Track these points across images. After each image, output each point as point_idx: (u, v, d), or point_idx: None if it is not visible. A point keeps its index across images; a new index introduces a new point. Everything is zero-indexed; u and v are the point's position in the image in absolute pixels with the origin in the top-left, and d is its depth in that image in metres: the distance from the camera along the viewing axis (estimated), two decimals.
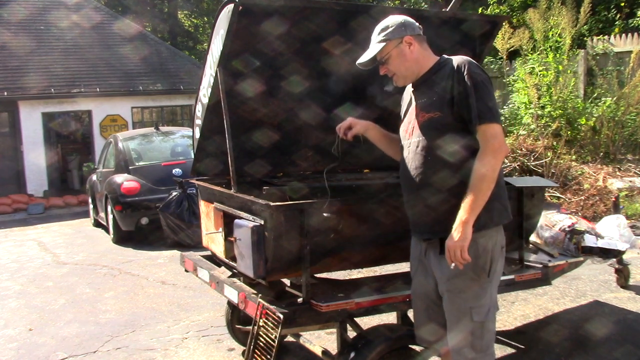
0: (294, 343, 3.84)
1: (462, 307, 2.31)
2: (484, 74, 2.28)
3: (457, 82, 2.25)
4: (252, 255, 2.60)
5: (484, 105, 2.21)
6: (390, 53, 2.37)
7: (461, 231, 2.17)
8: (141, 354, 4.06)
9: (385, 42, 2.36)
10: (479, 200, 2.17)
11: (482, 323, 2.31)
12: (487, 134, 2.20)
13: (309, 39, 3.23)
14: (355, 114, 3.73)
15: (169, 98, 15.06)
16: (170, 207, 7.46)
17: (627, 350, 3.70)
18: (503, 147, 2.22)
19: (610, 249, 4.00)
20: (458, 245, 2.17)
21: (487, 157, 2.19)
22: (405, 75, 2.41)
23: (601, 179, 8.28)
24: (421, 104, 2.37)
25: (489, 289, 2.34)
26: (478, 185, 2.17)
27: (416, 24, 2.41)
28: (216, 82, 3.07)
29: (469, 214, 2.17)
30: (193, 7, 25.26)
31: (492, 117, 2.21)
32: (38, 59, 14.11)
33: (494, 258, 2.32)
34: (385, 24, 2.40)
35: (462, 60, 2.29)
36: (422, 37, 2.41)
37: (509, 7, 14.80)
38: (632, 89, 9.04)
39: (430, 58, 2.40)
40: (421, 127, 2.35)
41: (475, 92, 2.21)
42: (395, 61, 2.38)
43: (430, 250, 2.42)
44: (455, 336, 2.34)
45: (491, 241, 2.32)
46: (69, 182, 15.30)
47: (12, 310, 5.29)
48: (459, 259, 2.18)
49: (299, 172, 3.86)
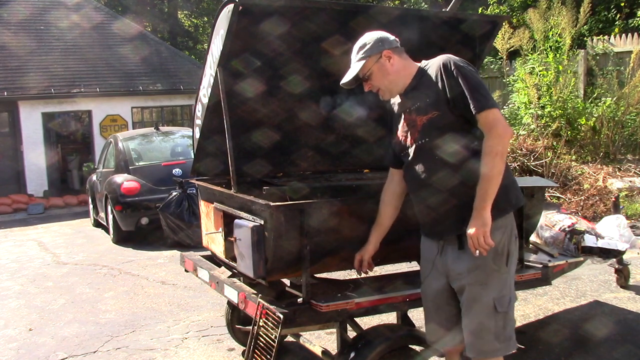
0: (294, 343, 3.84)
1: (486, 299, 2.33)
2: (469, 65, 2.33)
3: (447, 80, 2.29)
4: (252, 255, 2.60)
5: (478, 94, 2.25)
6: (371, 69, 2.41)
7: (480, 217, 2.21)
8: (141, 354, 4.06)
9: (365, 60, 2.41)
10: (492, 186, 2.22)
11: (505, 313, 2.35)
12: (488, 120, 2.24)
13: (309, 39, 3.23)
14: (356, 113, 3.75)
15: (169, 98, 15.06)
16: (170, 207, 7.46)
17: (627, 350, 3.70)
18: (507, 130, 2.26)
19: (610, 249, 4.00)
20: (480, 231, 2.20)
21: (493, 142, 2.22)
22: (390, 88, 2.45)
23: (601, 179, 8.28)
24: (416, 109, 2.40)
25: (508, 278, 2.38)
26: (490, 171, 2.21)
27: (392, 37, 2.46)
28: (216, 82, 3.07)
29: (486, 201, 2.21)
30: (193, 7, 25.26)
31: (490, 104, 2.25)
32: (38, 59, 14.11)
33: (510, 248, 2.37)
34: (363, 42, 2.44)
35: (446, 58, 2.34)
36: (400, 49, 2.46)
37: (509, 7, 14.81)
38: (632, 89, 9.04)
39: (411, 66, 2.45)
40: (423, 130, 2.37)
41: (467, 84, 2.26)
42: (377, 76, 2.42)
43: (448, 247, 2.42)
44: (477, 329, 2.36)
45: (507, 231, 2.36)
46: (69, 182, 15.30)
47: (12, 310, 5.29)
48: (483, 245, 2.21)
49: (299, 172, 3.86)
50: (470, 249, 2.25)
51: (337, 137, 3.86)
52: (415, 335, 2.90)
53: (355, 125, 3.83)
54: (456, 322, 2.47)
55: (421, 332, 3.03)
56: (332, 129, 3.81)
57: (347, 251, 2.83)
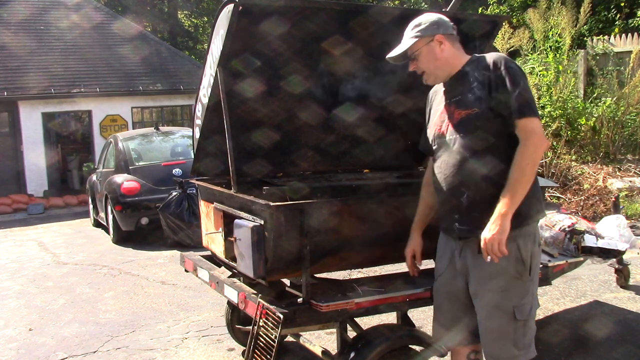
0: (294, 343, 3.84)
1: (505, 306, 2.30)
2: (520, 68, 2.28)
3: (494, 78, 2.24)
4: (252, 255, 2.60)
5: (523, 100, 2.20)
6: (420, 50, 2.37)
7: (499, 224, 2.15)
8: (141, 354, 4.06)
9: (417, 39, 2.37)
10: (518, 194, 2.17)
11: (525, 321, 2.32)
12: (527, 128, 2.19)
13: (309, 39, 3.23)
14: (356, 114, 3.75)
15: (169, 98, 15.06)
16: (170, 207, 7.46)
17: (627, 350, 3.70)
18: (543, 142, 2.23)
19: (610, 249, 4.00)
20: (496, 238, 2.15)
21: (527, 151, 2.18)
22: (436, 74, 2.41)
23: (601, 179, 8.29)
24: (456, 102, 2.36)
25: (531, 287, 2.34)
26: (518, 179, 2.17)
27: (450, 23, 2.42)
28: (216, 82, 3.07)
29: (508, 207, 2.16)
30: (193, 7, 25.25)
31: (531, 112, 2.21)
32: (38, 59, 14.10)
33: (534, 256, 2.33)
34: (419, 21, 2.41)
35: (498, 57, 2.29)
36: (455, 37, 2.41)
37: (509, 7, 14.79)
38: (632, 89, 9.04)
39: (462, 57, 2.40)
40: (457, 125, 2.33)
41: (513, 87, 2.20)
42: (425, 59, 2.38)
43: (467, 249, 2.39)
44: (495, 335, 2.33)
45: (530, 239, 2.31)
46: (69, 182, 15.30)
47: (12, 310, 5.29)
48: (496, 252, 2.16)
49: (299, 172, 3.86)
50: (483, 253, 2.20)
51: (337, 137, 3.86)
52: (415, 335, 2.90)
53: (355, 125, 3.83)
54: (465, 322, 2.45)
55: (421, 332, 3.04)
56: (332, 129, 3.81)
57: (347, 251, 2.83)
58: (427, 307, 3.91)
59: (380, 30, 3.31)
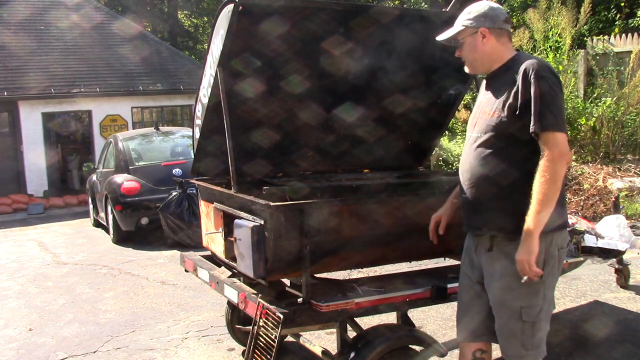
0: (294, 343, 3.84)
1: (512, 306, 2.30)
2: (552, 76, 2.22)
3: (522, 86, 2.22)
4: (252, 255, 2.60)
5: (549, 113, 2.16)
6: (464, 39, 2.41)
7: (526, 245, 2.16)
8: (141, 354, 4.06)
9: (463, 27, 2.39)
10: (544, 211, 2.15)
11: (533, 323, 2.30)
12: (549, 142, 2.16)
13: (309, 39, 3.23)
14: (356, 113, 3.75)
15: (169, 98, 15.05)
16: (170, 207, 7.46)
17: (627, 350, 3.70)
18: (564, 156, 2.17)
19: (610, 249, 4.00)
20: (525, 260, 2.16)
21: (545, 166, 2.16)
22: (474, 65, 2.44)
23: (601, 179, 8.28)
24: (487, 100, 2.39)
25: (541, 290, 2.30)
26: (537, 195, 2.15)
27: (502, 17, 2.38)
28: (216, 82, 3.07)
29: (535, 225, 2.15)
30: (193, 7, 25.24)
31: (555, 126, 2.16)
32: (38, 59, 14.09)
33: (547, 260, 2.28)
34: (470, 9, 2.42)
35: (531, 63, 2.24)
36: (503, 31, 2.38)
37: (509, 7, 14.79)
38: (632, 89, 9.04)
39: (505, 54, 2.39)
40: (483, 124, 2.36)
41: (539, 98, 2.17)
42: (467, 48, 2.41)
43: (480, 246, 2.42)
44: (504, 332, 2.35)
45: (545, 242, 2.25)
46: (69, 182, 15.29)
47: (12, 310, 5.29)
48: (528, 272, 2.18)
49: (299, 172, 3.86)
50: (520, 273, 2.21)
51: (337, 137, 3.86)
52: (415, 335, 2.90)
53: (355, 125, 3.83)
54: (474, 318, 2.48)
55: (421, 332, 3.04)
56: (332, 129, 3.81)
57: (347, 251, 2.83)
58: (427, 307, 3.93)
59: (380, 30, 3.31)
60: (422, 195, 3.09)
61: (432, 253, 3.22)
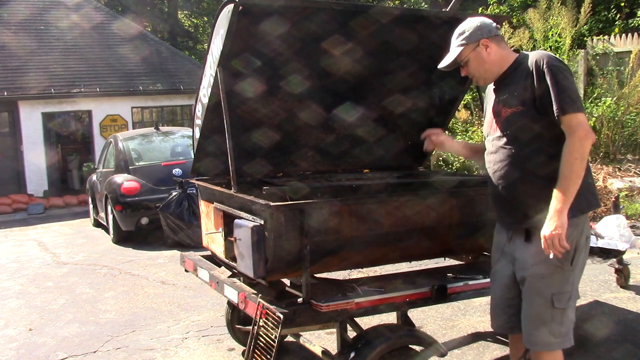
0: (294, 343, 3.84)
1: (544, 293, 2.37)
2: (562, 64, 2.33)
3: (536, 77, 2.31)
4: (252, 255, 2.60)
5: (566, 96, 2.25)
6: (468, 56, 2.47)
7: (557, 220, 2.22)
8: (141, 354, 4.06)
9: (463, 47, 2.46)
10: (571, 189, 2.23)
11: (563, 310, 2.37)
12: (572, 124, 2.25)
13: (309, 39, 3.22)
14: (356, 113, 3.75)
15: (169, 98, 15.05)
16: (170, 207, 7.46)
17: (627, 350, 3.70)
18: (589, 135, 2.26)
19: (610, 249, 4.01)
20: (555, 234, 2.22)
21: (574, 146, 2.23)
22: (485, 76, 2.51)
23: (601, 179, 8.28)
24: (503, 100, 2.45)
25: (571, 277, 2.39)
26: (568, 174, 2.23)
27: (493, 24, 2.50)
28: (216, 82, 3.07)
29: (563, 203, 2.22)
30: (193, 7, 25.25)
31: (575, 107, 2.25)
32: (38, 59, 14.10)
33: (578, 247, 2.38)
34: (462, 29, 2.49)
35: (541, 55, 2.35)
36: (499, 37, 2.49)
37: (509, 7, 14.78)
38: (632, 89, 9.04)
39: (508, 56, 2.47)
40: (505, 122, 2.42)
41: (555, 84, 2.26)
42: (473, 64, 2.48)
43: (516, 237, 2.47)
44: (533, 321, 2.40)
45: (577, 230, 2.36)
46: (69, 182, 15.29)
47: (12, 310, 5.29)
48: (557, 247, 2.23)
49: (299, 172, 3.86)
50: (545, 250, 2.27)
51: (337, 137, 3.86)
52: (415, 335, 2.90)
53: (355, 125, 3.83)
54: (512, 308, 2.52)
55: (421, 332, 3.04)
56: (332, 129, 3.81)
57: (347, 251, 2.83)
58: (427, 307, 3.93)
59: (380, 30, 3.31)
60: (422, 195, 3.09)
61: (432, 253, 3.22)
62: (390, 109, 3.80)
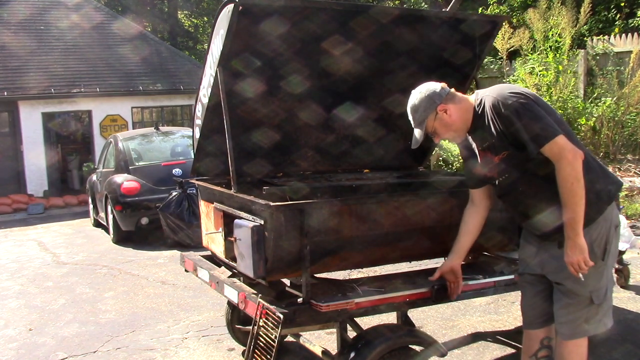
0: (294, 343, 3.84)
1: (583, 293, 2.39)
2: (519, 98, 2.31)
3: (500, 122, 2.33)
4: (252, 255, 2.60)
5: (533, 130, 2.25)
6: (433, 127, 2.50)
7: (575, 246, 2.26)
8: (141, 354, 4.06)
9: (424, 121, 2.49)
10: (577, 211, 2.24)
11: (601, 304, 2.41)
12: (554, 151, 2.25)
13: (309, 39, 3.23)
14: (356, 113, 3.75)
15: (169, 98, 15.05)
16: (170, 207, 7.46)
17: (627, 350, 3.70)
18: (577, 154, 2.25)
19: None
20: (579, 260, 2.26)
21: (566, 171, 2.23)
22: (457, 134, 2.54)
23: None
24: (487, 148, 2.47)
25: (605, 271, 2.42)
26: (571, 199, 2.23)
27: (439, 86, 2.49)
28: (216, 82, 3.07)
29: (576, 227, 2.25)
30: (193, 7, 25.25)
31: (548, 135, 2.24)
32: (38, 59, 14.09)
33: (607, 240, 2.39)
34: (415, 107, 2.52)
35: (493, 99, 2.36)
36: (451, 94, 2.49)
37: (509, 7, 14.79)
38: (632, 89, 9.04)
39: (468, 107, 2.49)
40: (501, 167, 2.45)
41: (520, 122, 2.27)
42: (441, 130, 2.51)
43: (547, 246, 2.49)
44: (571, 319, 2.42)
45: (605, 225, 2.38)
46: (69, 182, 15.29)
47: (12, 310, 5.29)
48: (584, 268, 2.26)
49: (299, 172, 3.86)
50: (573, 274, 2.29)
51: (337, 137, 3.86)
52: (415, 335, 2.90)
53: (355, 125, 3.83)
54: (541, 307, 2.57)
55: (421, 332, 3.04)
56: (332, 129, 3.81)
57: (347, 251, 2.83)
58: (427, 307, 3.93)
59: (380, 30, 3.32)
60: (422, 195, 3.09)
61: (432, 253, 3.22)
62: (390, 109, 3.80)
